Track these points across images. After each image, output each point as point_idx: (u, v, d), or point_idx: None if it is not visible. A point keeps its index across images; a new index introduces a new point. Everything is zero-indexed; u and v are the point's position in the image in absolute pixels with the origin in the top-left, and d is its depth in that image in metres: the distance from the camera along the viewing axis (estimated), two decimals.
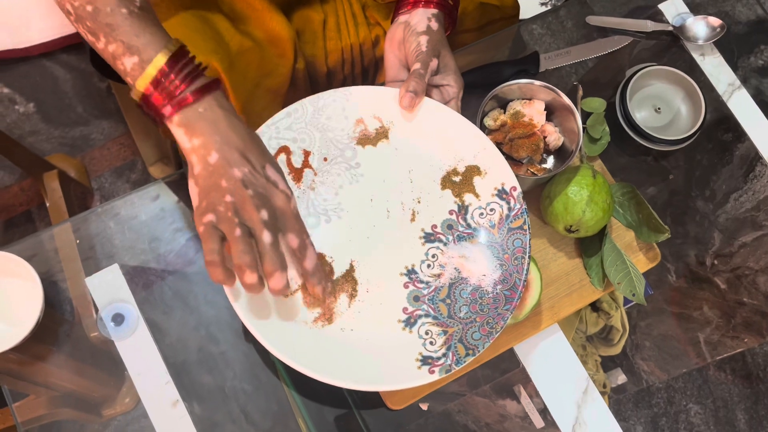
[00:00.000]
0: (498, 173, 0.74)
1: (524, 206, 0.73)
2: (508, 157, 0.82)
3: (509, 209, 0.73)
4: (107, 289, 0.81)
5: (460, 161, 0.75)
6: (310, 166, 0.75)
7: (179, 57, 0.61)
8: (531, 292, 0.76)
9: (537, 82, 0.79)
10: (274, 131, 0.74)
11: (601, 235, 0.82)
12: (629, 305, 1.03)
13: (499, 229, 0.73)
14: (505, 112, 0.82)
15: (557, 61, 0.92)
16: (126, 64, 0.62)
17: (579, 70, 1.00)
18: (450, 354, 0.68)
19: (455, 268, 0.73)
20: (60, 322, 0.81)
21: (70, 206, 1.26)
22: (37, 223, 1.39)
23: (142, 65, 0.61)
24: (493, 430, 0.86)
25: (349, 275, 0.73)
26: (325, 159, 0.75)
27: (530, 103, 0.81)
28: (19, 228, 1.38)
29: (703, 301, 0.98)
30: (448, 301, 0.72)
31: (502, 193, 0.74)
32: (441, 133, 0.75)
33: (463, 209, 0.75)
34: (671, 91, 0.92)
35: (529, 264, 0.72)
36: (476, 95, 0.83)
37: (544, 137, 0.81)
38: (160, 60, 0.61)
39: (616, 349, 1.05)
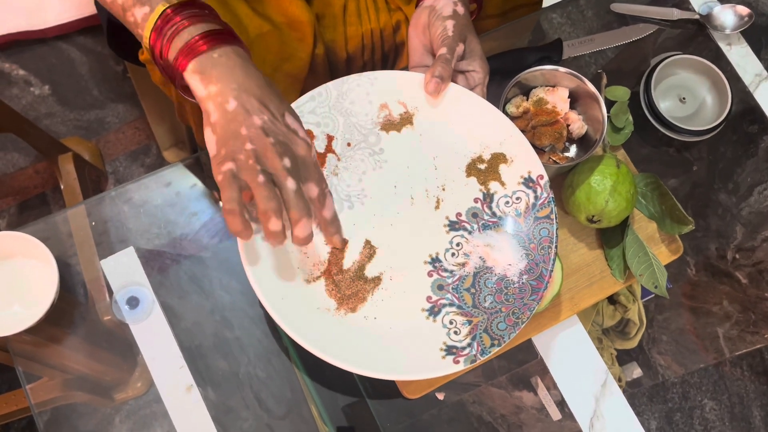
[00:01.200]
0: (524, 161, 0.73)
1: (551, 195, 0.72)
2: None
3: (536, 198, 0.72)
4: (122, 272, 0.80)
5: (486, 148, 0.74)
6: (333, 151, 0.73)
7: (187, 5, 0.62)
8: (552, 283, 0.75)
9: (561, 69, 0.78)
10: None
11: (624, 226, 0.80)
12: (647, 298, 1.02)
13: (525, 218, 0.72)
14: (527, 99, 0.81)
15: (580, 48, 0.90)
16: (136, 14, 0.63)
17: (599, 59, 0.98)
18: (475, 344, 0.68)
19: (480, 257, 0.72)
20: (74, 304, 0.81)
21: (85, 189, 1.25)
22: (51, 205, 1.38)
23: (151, 14, 0.62)
24: (509, 421, 0.85)
25: None
26: (349, 144, 0.74)
27: (554, 90, 0.80)
28: (34, 210, 1.38)
29: (723, 296, 0.96)
30: (473, 290, 0.71)
31: (528, 182, 0.73)
32: (466, 120, 0.74)
33: (488, 197, 0.74)
34: (697, 81, 0.91)
35: (556, 254, 0.70)
36: (498, 82, 0.82)
37: (568, 125, 0.80)
38: (165, 6, 0.62)
39: (633, 343, 1.04)
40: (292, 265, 0.69)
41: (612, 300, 0.98)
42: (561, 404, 0.81)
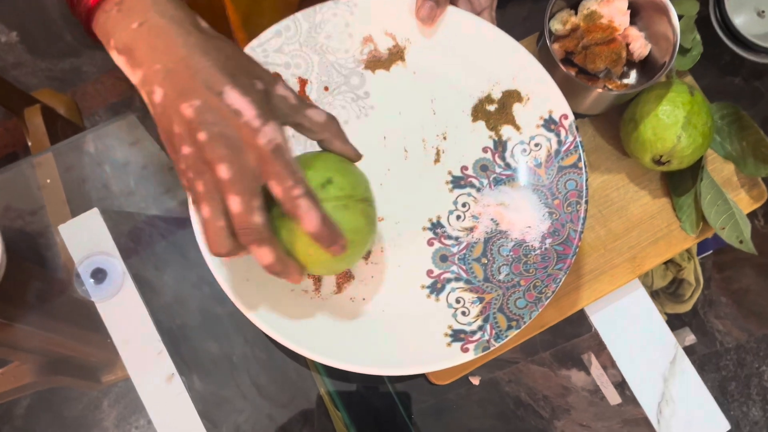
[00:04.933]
0: (544, 98, 0.60)
1: (578, 138, 0.59)
2: (581, 71, 0.66)
3: (559, 143, 0.60)
4: (85, 239, 0.67)
5: (496, 85, 0.62)
6: (307, 98, 0.62)
7: None
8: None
9: None
10: (260, 54, 0.61)
11: (695, 168, 0.66)
12: (703, 255, 0.89)
13: (546, 169, 0.60)
14: (576, 14, 0.65)
15: None
16: None
17: None
18: (488, 327, 0.56)
19: (492, 220, 0.60)
20: (33, 277, 0.67)
21: None
22: None
23: None
24: (553, 404, 0.72)
25: None
26: (326, 88, 0.63)
27: (609, 1, 0.64)
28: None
29: None
30: (484, 260, 0.59)
31: (549, 123, 0.60)
32: (470, 51, 0.62)
33: (500, 145, 0.62)
34: None
35: (586, 211, 0.58)
36: None
37: (627, 44, 0.65)
38: None
39: (686, 306, 0.92)
40: None
41: None
42: (620, 386, 0.68)
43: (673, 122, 0.61)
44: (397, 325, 0.58)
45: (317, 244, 0.46)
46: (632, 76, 0.67)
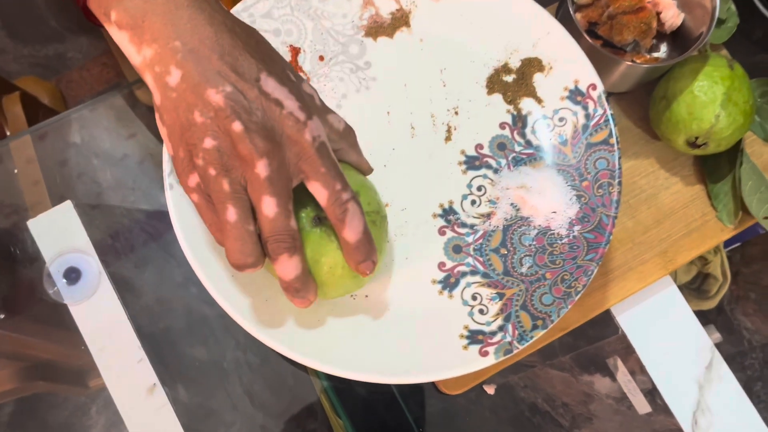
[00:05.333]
0: (569, 67, 0.55)
1: (609, 111, 0.53)
2: (606, 43, 0.59)
3: (587, 117, 0.54)
4: (57, 236, 0.60)
5: (514, 53, 0.56)
6: (300, 69, 0.56)
7: None
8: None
9: None
10: (246, 20, 0.55)
11: (733, 152, 0.59)
12: (730, 248, 0.83)
13: (573, 147, 0.54)
14: None
15: None
16: None
17: None
18: (509, 327, 0.50)
19: (512, 205, 0.55)
20: (0, 274, 0.61)
21: None
22: None
23: None
24: (573, 412, 0.65)
25: None
26: (321, 58, 0.57)
27: None
28: None
29: None
30: (504, 251, 0.53)
31: (575, 95, 0.55)
32: (485, 15, 0.56)
33: (519, 121, 0.56)
34: None
35: (620, 193, 0.51)
36: None
37: (658, 13, 0.58)
38: None
39: (712, 303, 0.86)
40: None
41: None
42: (650, 393, 0.61)
43: (710, 99, 0.55)
44: (405, 325, 0.52)
45: (350, 258, 0.43)
46: (662, 50, 0.60)
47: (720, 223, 0.61)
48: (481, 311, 0.52)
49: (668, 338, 0.61)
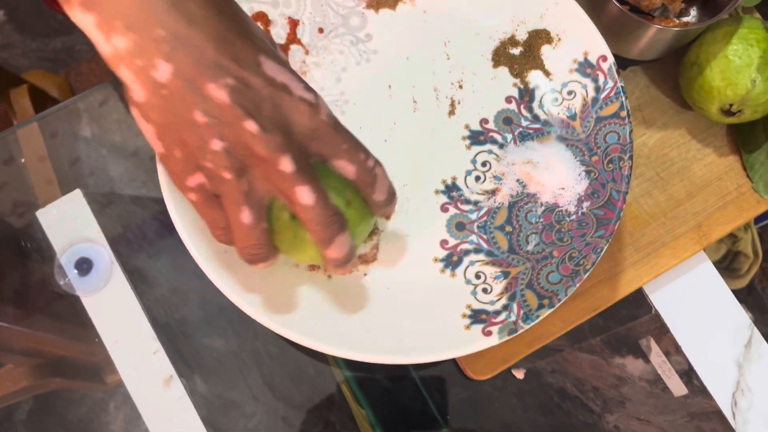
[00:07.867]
0: (578, 38, 0.53)
1: (620, 83, 0.51)
2: (633, 8, 0.56)
3: (597, 89, 0.53)
4: (67, 226, 0.59)
5: (521, 24, 0.55)
6: (298, 42, 0.55)
7: None
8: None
9: None
10: None
11: None
12: (762, 224, 0.80)
13: (582, 121, 0.53)
14: None
15: None
16: None
17: None
18: (514, 306, 0.49)
19: (518, 181, 0.54)
20: (11, 266, 0.60)
21: None
22: None
23: None
24: (605, 396, 0.63)
25: None
26: (321, 30, 0.56)
27: None
28: None
29: None
30: (509, 228, 0.53)
31: (585, 67, 0.53)
32: None
33: (526, 94, 0.55)
34: None
35: (631, 168, 0.50)
36: None
37: None
38: None
39: (742, 282, 0.83)
40: None
41: None
42: (687, 375, 0.59)
43: (746, 63, 0.52)
44: (406, 305, 0.51)
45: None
46: (692, 14, 0.58)
47: (756, 195, 0.58)
48: (484, 290, 0.51)
49: (704, 316, 0.59)
